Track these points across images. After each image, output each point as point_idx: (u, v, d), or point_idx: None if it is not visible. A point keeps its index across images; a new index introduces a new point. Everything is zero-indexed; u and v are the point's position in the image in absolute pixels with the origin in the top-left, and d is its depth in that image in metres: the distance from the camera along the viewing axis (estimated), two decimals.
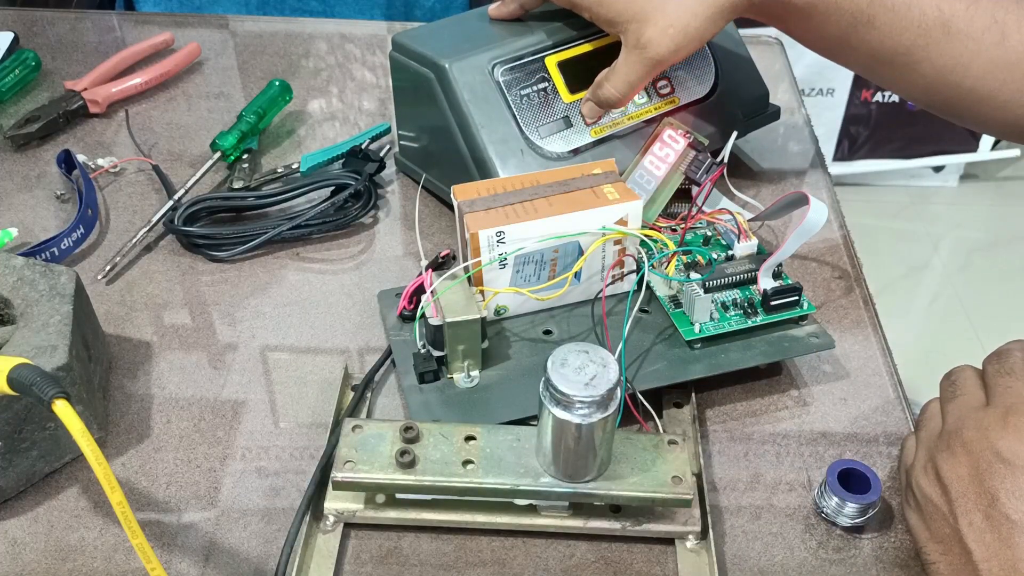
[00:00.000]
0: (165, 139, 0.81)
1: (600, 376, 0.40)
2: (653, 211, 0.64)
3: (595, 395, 0.40)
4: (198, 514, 0.51)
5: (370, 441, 0.48)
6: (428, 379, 0.55)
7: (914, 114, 1.91)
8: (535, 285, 0.58)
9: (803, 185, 0.77)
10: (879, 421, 0.57)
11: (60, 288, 0.53)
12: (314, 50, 0.95)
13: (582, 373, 0.40)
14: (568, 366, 0.41)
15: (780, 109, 0.77)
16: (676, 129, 0.65)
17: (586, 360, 0.41)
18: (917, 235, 1.98)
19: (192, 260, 0.68)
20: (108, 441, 0.54)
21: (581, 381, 0.40)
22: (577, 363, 0.41)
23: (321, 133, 0.83)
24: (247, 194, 0.71)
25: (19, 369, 0.43)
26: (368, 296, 0.64)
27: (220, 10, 1.43)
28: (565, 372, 0.40)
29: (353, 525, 0.50)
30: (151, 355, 0.60)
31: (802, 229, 0.56)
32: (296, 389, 0.58)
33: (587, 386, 0.40)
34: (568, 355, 0.41)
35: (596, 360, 0.41)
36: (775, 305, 0.57)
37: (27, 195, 0.74)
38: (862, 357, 0.61)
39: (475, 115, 0.64)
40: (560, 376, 0.40)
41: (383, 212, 0.73)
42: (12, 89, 0.85)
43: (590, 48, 0.69)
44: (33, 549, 0.49)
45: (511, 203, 0.57)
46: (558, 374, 0.40)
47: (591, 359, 0.41)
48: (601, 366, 0.41)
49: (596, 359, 0.41)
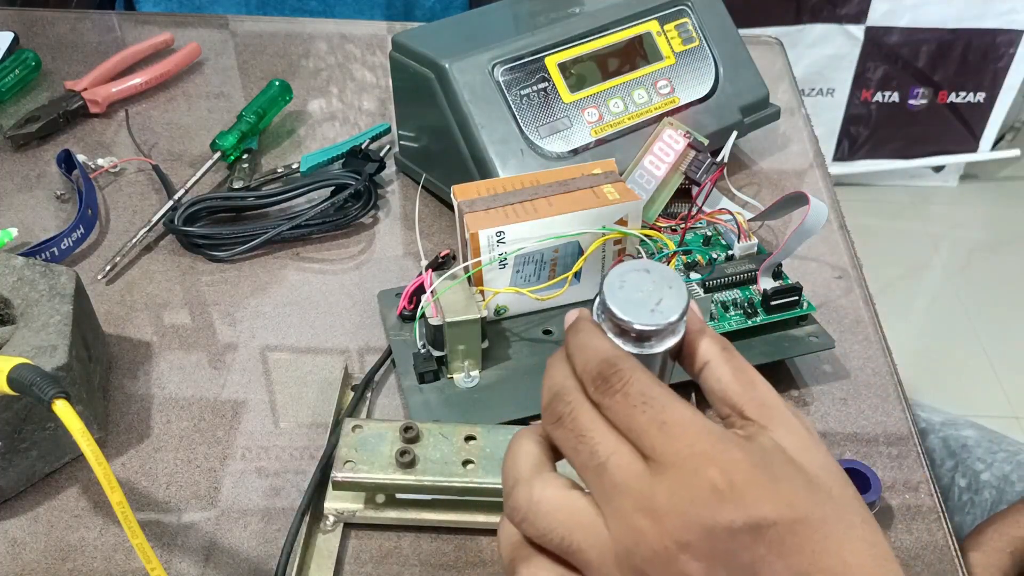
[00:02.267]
0: (165, 139, 0.81)
1: (667, 301, 0.34)
2: (653, 211, 0.64)
3: (663, 323, 0.34)
4: (198, 514, 0.50)
5: (370, 441, 0.48)
6: (428, 379, 0.55)
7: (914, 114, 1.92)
8: (535, 285, 0.58)
9: (803, 185, 0.77)
10: (879, 421, 0.57)
11: (60, 288, 0.53)
12: (314, 50, 0.95)
13: (649, 297, 0.35)
14: (628, 288, 0.35)
15: (780, 109, 0.77)
16: (676, 129, 0.65)
17: (648, 281, 0.35)
18: (917, 235, 1.98)
19: (192, 260, 0.68)
20: (108, 441, 0.54)
21: (647, 307, 0.34)
22: (640, 284, 0.35)
23: (321, 133, 0.83)
24: (247, 194, 0.71)
25: (19, 369, 0.43)
26: (368, 296, 0.64)
27: (220, 10, 1.43)
28: (627, 295, 0.34)
29: (353, 525, 0.50)
30: (151, 355, 0.60)
31: (802, 229, 0.56)
32: (296, 389, 0.58)
33: (653, 313, 0.34)
34: (628, 275, 0.35)
35: (659, 280, 0.35)
36: (775, 305, 0.57)
37: (27, 195, 0.74)
38: (862, 357, 0.61)
39: (475, 115, 0.64)
40: (622, 301, 0.34)
41: (383, 212, 0.73)
42: (12, 89, 0.85)
43: (590, 48, 0.69)
44: (33, 549, 0.48)
45: (511, 203, 0.57)
46: (619, 299, 0.34)
47: (653, 279, 0.35)
48: (667, 287, 0.35)
49: (659, 279, 0.35)
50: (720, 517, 0.29)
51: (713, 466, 0.29)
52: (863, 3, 1.75)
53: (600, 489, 0.31)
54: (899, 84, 1.88)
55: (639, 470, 0.30)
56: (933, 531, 0.51)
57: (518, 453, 0.33)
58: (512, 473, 0.33)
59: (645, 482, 0.30)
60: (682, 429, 0.30)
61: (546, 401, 0.33)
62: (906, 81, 1.88)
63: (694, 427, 0.30)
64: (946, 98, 1.90)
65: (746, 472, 0.30)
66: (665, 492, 0.29)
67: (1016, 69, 1.85)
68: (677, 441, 0.30)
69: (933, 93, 1.90)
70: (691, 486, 0.29)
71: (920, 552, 0.50)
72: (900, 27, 1.79)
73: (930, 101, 1.91)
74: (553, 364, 0.34)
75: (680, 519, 0.29)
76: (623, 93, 0.69)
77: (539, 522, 0.31)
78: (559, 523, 0.31)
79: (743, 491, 0.29)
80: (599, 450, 0.31)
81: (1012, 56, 1.83)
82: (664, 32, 0.72)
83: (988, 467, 0.74)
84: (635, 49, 0.71)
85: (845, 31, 1.79)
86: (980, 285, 1.84)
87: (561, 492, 0.32)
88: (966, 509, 0.73)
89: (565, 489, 0.32)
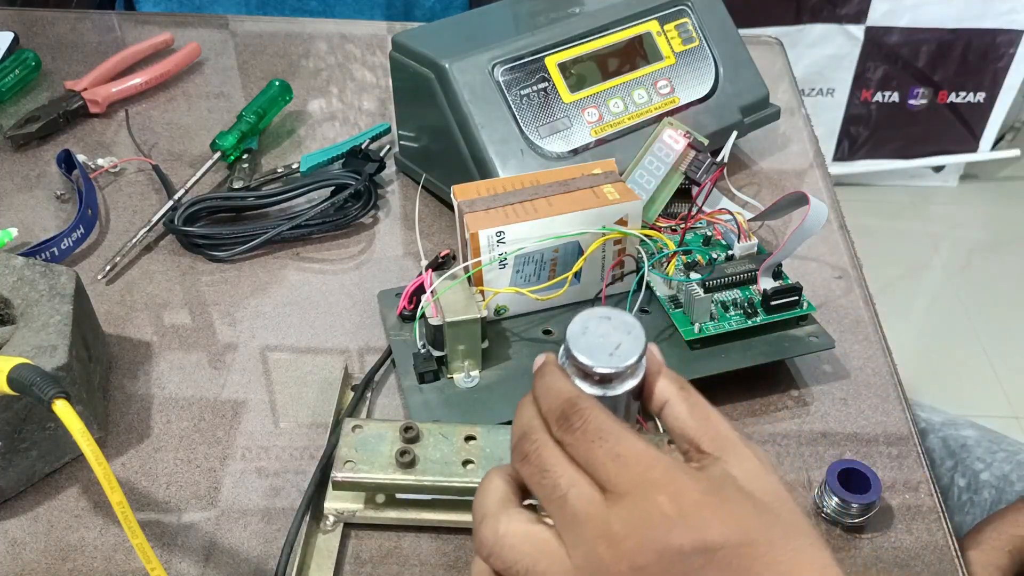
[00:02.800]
0: (165, 139, 0.81)
1: (625, 345, 0.37)
2: (653, 211, 0.64)
3: (621, 366, 0.36)
4: (198, 514, 0.51)
5: (370, 441, 0.48)
6: (428, 379, 0.55)
7: (914, 114, 1.92)
8: (535, 285, 0.58)
9: (803, 185, 0.77)
10: (879, 421, 0.57)
11: (60, 288, 0.53)
12: (314, 50, 0.95)
13: (606, 342, 0.37)
14: (590, 334, 0.37)
15: (780, 109, 0.77)
16: (676, 129, 0.65)
17: (609, 328, 0.37)
18: (917, 235, 1.98)
19: (192, 260, 0.68)
20: (108, 441, 0.54)
21: (605, 351, 0.36)
22: (600, 331, 0.37)
23: (321, 133, 0.83)
24: (247, 194, 0.71)
25: (19, 369, 0.43)
26: (368, 296, 0.64)
27: (220, 10, 1.43)
28: (588, 341, 0.37)
29: (353, 525, 0.50)
30: (151, 355, 0.60)
31: (802, 229, 0.56)
32: (296, 389, 0.58)
33: (612, 356, 0.36)
34: (589, 322, 0.37)
35: (620, 327, 0.37)
36: (775, 305, 0.57)
37: (27, 195, 0.74)
38: (862, 357, 0.61)
39: (475, 115, 0.64)
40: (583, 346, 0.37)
41: (383, 212, 0.73)
42: (12, 89, 0.85)
43: (590, 48, 0.69)
44: (33, 549, 0.48)
45: (511, 203, 0.57)
46: (580, 344, 0.37)
47: (614, 326, 0.37)
48: (626, 333, 0.37)
49: (620, 326, 0.37)
50: (671, 540, 0.30)
51: (663, 492, 0.31)
52: (863, 3, 1.75)
53: (562, 520, 0.32)
54: (899, 84, 1.88)
55: (597, 500, 0.32)
56: (933, 531, 0.51)
57: (486, 490, 0.35)
58: (480, 510, 0.35)
59: (603, 511, 0.32)
60: (635, 460, 0.32)
61: (515, 441, 0.35)
62: (906, 81, 1.88)
63: (646, 458, 0.32)
64: (946, 98, 1.90)
65: (695, 497, 0.31)
66: (620, 519, 0.31)
67: (1016, 69, 1.85)
68: (631, 471, 0.32)
69: (933, 93, 1.90)
70: (643, 512, 0.31)
71: (920, 552, 0.50)
72: (900, 27, 1.79)
73: (930, 101, 1.91)
74: (521, 406, 0.36)
75: (635, 544, 0.31)
76: (623, 93, 0.69)
77: (505, 554, 0.33)
78: (524, 554, 0.33)
79: (692, 515, 0.31)
80: (560, 483, 0.33)
81: (1012, 56, 1.83)
82: (664, 32, 0.72)
83: (988, 467, 0.74)
84: (635, 49, 0.71)
85: (845, 31, 1.79)
86: (980, 285, 1.84)
87: (525, 525, 0.33)
88: (965, 509, 0.73)
89: (529, 523, 0.33)
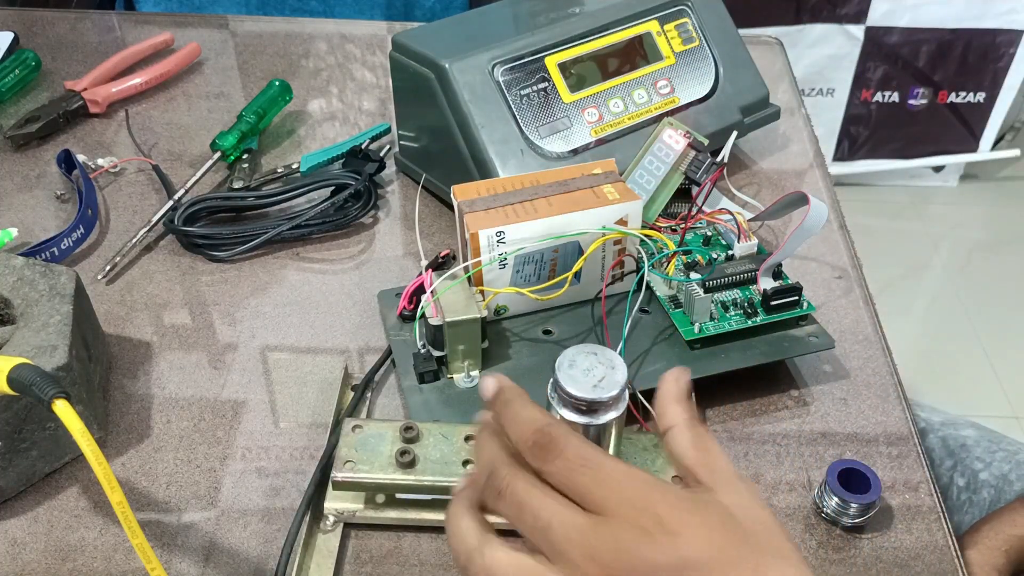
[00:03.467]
0: (165, 139, 0.81)
1: (608, 378, 0.41)
2: (653, 211, 0.64)
3: (604, 397, 0.41)
4: (198, 514, 0.51)
5: (370, 441, 0.48)
6: (428, 379, 0.55)
7: (914, 114, 1.92)
8: (535, 285, 0.58)
9: (803, 185, 0.77)
10: (879, 421, 0.57)
11: (60, 288, 0.53)
12: (314, 50, 0.95)
13: (591, 375, 0.41)
14: (577, 367, 0.41)
15: (780, 109, 0.77)
16: (676, 129, 0.65)
17: (594, 362, 0.41)
18: (917, 235, 1.98)
19: (192, 260, 0.68)
20: (108, 441, 0.54)
21: (590, 383, 0.41)
22: (585, 365, 0.41)
23: (321, 133, 0.83)
24: (247, 194, 0.71)
25: (19, 369, 0.43)
26: (368, 296, 0.64)
27: (220, 10, 1.43)
28: (574, 374, 0.41)
29: (353, 525, 0.50)
30: (151, 355, 0.60)
31: (802, 229, 0.56)
32: (296, 389, 0.58)
33: (596, 388, 0.41)
34: (576, 356, 0.41)
35: (604, 362, 0.41)
36: (775, 305, 0.57)
37: (27, 195, 0.74)
38: (862, 357, 0.61)
39: (475, 115, 0.64)
40: (569, 378, 0.41)
41: (383, 212, 0.73)
42: (12, 89, 0.85)
43: (590, 48, 0.69)
44: (33, 549, 0.48)
45: (511, 203, 0.57)
46: (567, 376, 0.41)
47: (599, 360, 0.41)
48: (609, 368, 0.41)
49: (604, 360, 0.41)
50: (653, 556, 0.32)
51: (645, 511, 0.32)
52: (863, 3, 1.75)
53: (549, 547, 0.33)
54: (899, 84, 1.88)
55: (581, 523, 0.33)
56: (933, 531, 0.51)
57: (460, 528, 0.36)
58: (462, 548, 0.35)
59: (588, 533, 0.33)
60: (617, 482, 0.33)
61: (483, 479, 0.36)
62: (906, 81, 1.88)
63: (628, 479, 0.33)
64: (946, 98, 1.90)
65: (677, 516, 0.32)
66: (605, 539, 0.32)
67: (1016, 69, 1.85)
68: (614, 493, 0.33)
69: (933, 93, 1.90)
70: (626, 530, 0.32)
71: (920, 552, 0.50)
72: (900, 27, 1.79)
73: (930, 101, 1.91)
74: (481, 440, 0.37)
75: (621, 561, 0.32)
76: (623, 93, 0.69)
77: None
78: None
79: (673, 532, 0.32)
80: (541, 514, 0.34)
81: (1012, 56, 1.83)
82: (664, 32, 0.72)
83: (987, 467, 0.74)
84: (635, 49, 0.71)
85: (845, 31, 1.79)
86: (980, 285, 1.84)
87: (510, 553, 0.34)
88: (964, 508, 0.73)
89: (513, 551, 0.34)
